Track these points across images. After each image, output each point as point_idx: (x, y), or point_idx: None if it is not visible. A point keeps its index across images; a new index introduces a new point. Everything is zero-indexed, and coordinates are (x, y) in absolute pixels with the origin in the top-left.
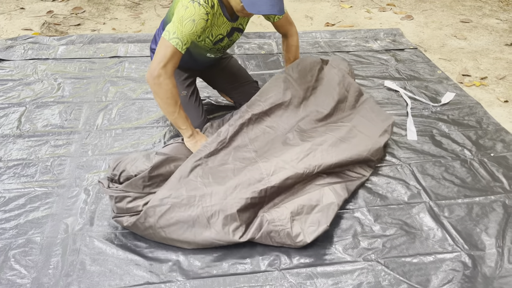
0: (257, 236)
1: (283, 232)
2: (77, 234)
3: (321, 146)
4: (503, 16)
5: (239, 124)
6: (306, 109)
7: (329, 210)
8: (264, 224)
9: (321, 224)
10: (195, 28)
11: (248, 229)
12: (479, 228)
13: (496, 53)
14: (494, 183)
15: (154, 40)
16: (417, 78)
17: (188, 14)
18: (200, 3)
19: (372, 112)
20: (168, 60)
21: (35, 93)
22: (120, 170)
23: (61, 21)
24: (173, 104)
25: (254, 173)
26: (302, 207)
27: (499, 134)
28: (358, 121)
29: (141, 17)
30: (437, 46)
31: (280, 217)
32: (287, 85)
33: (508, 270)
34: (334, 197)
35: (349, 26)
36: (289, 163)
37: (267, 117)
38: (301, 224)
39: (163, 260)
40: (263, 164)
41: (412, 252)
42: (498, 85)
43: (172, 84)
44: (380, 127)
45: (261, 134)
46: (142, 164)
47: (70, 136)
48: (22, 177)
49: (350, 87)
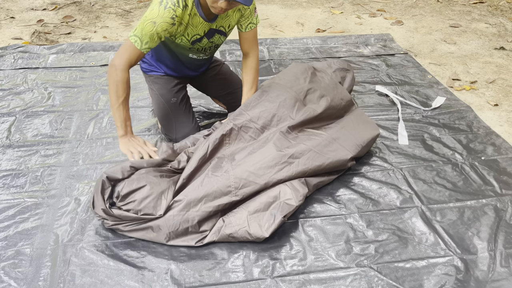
0: (216, 238)
1: (241, 231)
2: (67, 244)
3: (298, 159)
4: (491, 21)
5: (220, 135)
6: (301, 109)
7: (284, 204)
8: (222, 227)
9: (276, 217)
10: (154, 29)
11: (206, 234)
12: (471, 232)
13: (485, 57)
14: (485, 187)
15: None
16: (408, 83)
17: (151, 15)
18: (167, 7)
19: (358, 124)
20: (124, 52)
21: (25, 102)
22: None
23: (51, 30)
24: (115, 97)
25: (222, 185)
26: (259, 205)
27: (490, 138)
28: (341, 133)
29: (132, 25)
30: (427, 51)
31: (238, 219)
32: (277, 91)
33: (501, 273)
34: (290, 192)
35: (340, 32)
36: (261, 177)
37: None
38: (259, 221)
39: (155, 269)
40: (233, 175)
41: (404, 257)
42: (488, 89)
43: (122, 77)
44: (362, 139)
45: (242, 142)
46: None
47: (61, 145)
48: (11, 188)
49: (343, 96)
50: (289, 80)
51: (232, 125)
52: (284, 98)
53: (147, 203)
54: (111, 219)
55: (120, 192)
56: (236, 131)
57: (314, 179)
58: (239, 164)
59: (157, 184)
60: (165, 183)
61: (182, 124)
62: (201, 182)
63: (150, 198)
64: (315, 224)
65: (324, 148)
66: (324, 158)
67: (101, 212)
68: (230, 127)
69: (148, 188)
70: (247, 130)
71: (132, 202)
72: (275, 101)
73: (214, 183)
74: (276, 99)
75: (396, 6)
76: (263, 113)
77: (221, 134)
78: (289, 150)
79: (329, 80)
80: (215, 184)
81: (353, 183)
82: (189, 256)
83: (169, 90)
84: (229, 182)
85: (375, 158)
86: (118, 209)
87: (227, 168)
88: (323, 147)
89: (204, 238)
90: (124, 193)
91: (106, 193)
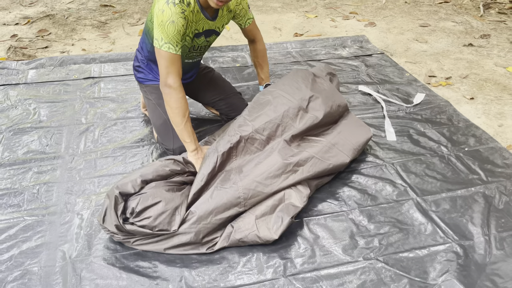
0: (226, 244)
1: (251, 235)
2: (76, 260)
3: (302, 167)
4: (457, 19)
5: (228, 148)
6: (304, 117)
7: (290, 206)
8: (232, 233)
9: (284, 219)
10: (177, 27)
11: (216, 241)
12: (465, 219)
13: (456, 54)
14: (472, 176)
15: (136, 57)
16: (388, 82)
17: (166, 16)
18: (175, 3)
19: (353, 129)
20: (169, 67)
21: (10, 119)
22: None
23: (27, 44)
24: (180, 114)
25: (232, 197)
26: (266, 208)
27: (470, 130)
28: (338, 138)
29: (110, 37)
30: (402, 50)
31: (246, 223)
32: (280, 101)
33: (497, 256)
34: (295, 195)
35: (317, 35)
36: (269, 187)
37: (257, 135)
38: (267, 224)
39: (168, 278)
40: (242, 186)
41: (407, 247)
42: (463, 83)
43: (181, 94)
44: (358, 142)
45: (249, 154)
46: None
47: (54, 161)
48: (8, 207)
49: (340, 102)
50: (291, 88)
51: (239, 137)
52: (288, 108)
53: (162, 219)
54: (121, 234)
55: (135, 209)
56: (243, 144)
57: (314, 180)
58: (246, 175)
59: (171, 200)
60: (178, 198)
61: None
62: (210, 195)
63: (165, 215)
64: (319, 222)
65: (325, 154)
66: (326, 164)
67: (113, 228)
68: (237, 139)
69: (163, 204)
70: (253, 142)
71: (147, 218)
72: (279, 110)
73: (224, 195)
74: (280, 108)
75: (367, 8)
76: (268, 124)
77: (229, 147)
78: (293, 159)
79: (328, 86)
80: (224, 196)
81: (350, 180)
82: (200, 262)
83: None
84: (238, 194)
85: (367, 155)
86: (131, 224)
87: (235, 180)
88: (324, 153)
89: (215, 245)
90: (139, 210)
91: (119, 209)
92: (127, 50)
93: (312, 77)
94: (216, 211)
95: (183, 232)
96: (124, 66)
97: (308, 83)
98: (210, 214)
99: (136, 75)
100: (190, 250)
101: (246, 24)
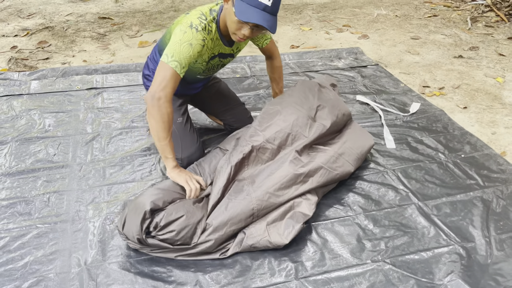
0: (238, 250)
1: (263, 240)
2: (91, 266)
3: (312, 177)
4: (447, 32)
5: (240, 158)
6: (313, 126)
7: (300, 214)
8: (244, 239)
9: (295, 225)
10: (192, 51)
11: (228, 247)
12: (466, 222)
13: (447, 65)
14: (470, 181)
15: (146, 65)
16: (384, 92)
17: (186, 38)
18: (198, 30)
19: (356, 137)
20: (167, 82)
21: (16, 129)
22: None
23: (28, 55)
24: (167, 129)
25: (245, 208)
26: (276, 215)
27: (465, 137)
28: (344, 148)
29: (110, 48)
30: (395, 62)
31: (258, 229)
32: (290, 110)
33: (498, 257)
34: (304, 203)
35: (313, 47)
36: (280, 197)
37: (269, 145)
38: (277, 230)
39: (183, 282)
40: (255, 197)
41: (412, 249)
42: (455, 93)
43: (170, 109)
44: (362, 152)
45: (260, 164)
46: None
47: (62, 170)
48: (20, 216)
49: (345, 111)
50: (299, 98)
51: (250, 147)
52: (297, 117)
53: (184, 233)
54: (140, 245)
55: (159, 223)
56: (255, 154)
57: (322, 188)
58: (259, 186)
59: (193, 213)
60: (200, 212)
61: (188, 143)
62: (225, 207)
63: (187, 229)
64: (327, 227)
65: (333, 165)
66: (333, 174)
67: (133, 239)
68: (249, 150)
69: (185, 219)
70: (265, 151)
71: (170, 232)
72: (288, 120)
73: (238, 206)
74: (290, 118)
75: (360, 21)
76: (278, 134)
77: (241, 158)
78: (303, 169)
79: (333, 96)
80: (238, 208)
81: (354, 187)
82: (214, 266)
83: (175, 110)
84: (251, 205)
85: (369, 162)
86: (152, 237)
87: (249, 191)
88: (332, 163)
89: (227, 250)
90: (163, 224)
91: (145, 223)
92: (128, 61)
93: (318, 87)
94: (231, 223)
95: (199, 243)
96: (126, 77)
97: (315, 93)
98: (225, 225)
99: (146, 83)
100: (202, 256)
101: (264, 44)
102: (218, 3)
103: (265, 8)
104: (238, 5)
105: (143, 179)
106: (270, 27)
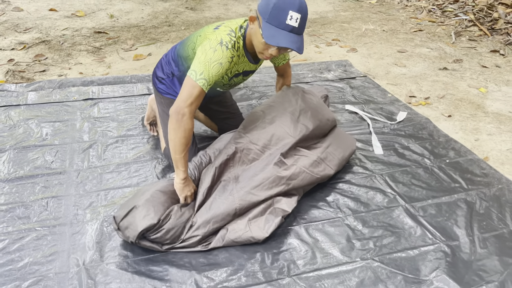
0: (220, 244)
1: (244, 235)
2: (90, 266)
3: (294, 181)
4: (432, 45)
5: (225, 160)
6: (297, 127)
7: (279, 210)
8: (226, 234)
9: (275, 219)
10: (221, 70)
11: (210, 241)
12: (450, 222)
13: (432, 77)
14: (454, 184)
15: (160, 67)
16: (372, 102)
17: (216, 56)
18: (228, 47)
19: (339, 142)
20: (194, 99)
21: (14, 138)
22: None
23: (25, 68)
24: (184, 144)
25: (228, 207)
26: (257, 212)
27: (450, 144)
28: (327, 153)
29: (106, 61)
30: (383, 73)
31: (239, 225)
32: (273, 113)
33: (482, 254)
34: (285, 200)
35: (303, 60)
36: (261, 196)
37: (253, 145)
38: (258, 224)
39: (180, 281)
40: (238, 197)
41: (400, 248)
42: (440, 103)
43: (192, 125)
44: (344, 156)
45: (246, 164)
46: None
47: (60, 176)
48: (19, 220)
49: (329, 116)
50: (282, 102)
51: (234, 148)
52: (280, 118)
53: (173, 233)
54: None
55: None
56: (239, 155)
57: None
58: (243, 187)
59: (182, 214)
60: (187, 212)
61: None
62: (210, 206)
63: (176, 229)
64: (317, 227)
65: (315, 169)
66: (314, 178)
67: (127, 240)
68: (233, 151)
69: (174, 219)
70: (249, 152)
71: (159, 231)
72: (272, 121)
73: (221, 205)
74: (273, 120)
75: (348, 35)
76: (262, 134)
77: (226, 159)
78: (286, 172)
79: (317, 102)
80: (222, 207)
81: (343, 190)
82: (209, 265)
83: None
84: (234, 205)
85: (358, 167)
86: (145, 239)
87: (232, 190)
88: (314, 167)
89: (209, 244)
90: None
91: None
92: (123, 73)
93: (302, 93)
94: (214, 221)
95: (185, 239)
96: (122, 88)
97: (298, 97)
98: (208, 223)
99: (157, 85)
100: (185, 249)
101: (281, 63)
102: (246, 19)
103: (293, 30)
104: (266, 28)
105: (139, 185)
106: (298, 48)
